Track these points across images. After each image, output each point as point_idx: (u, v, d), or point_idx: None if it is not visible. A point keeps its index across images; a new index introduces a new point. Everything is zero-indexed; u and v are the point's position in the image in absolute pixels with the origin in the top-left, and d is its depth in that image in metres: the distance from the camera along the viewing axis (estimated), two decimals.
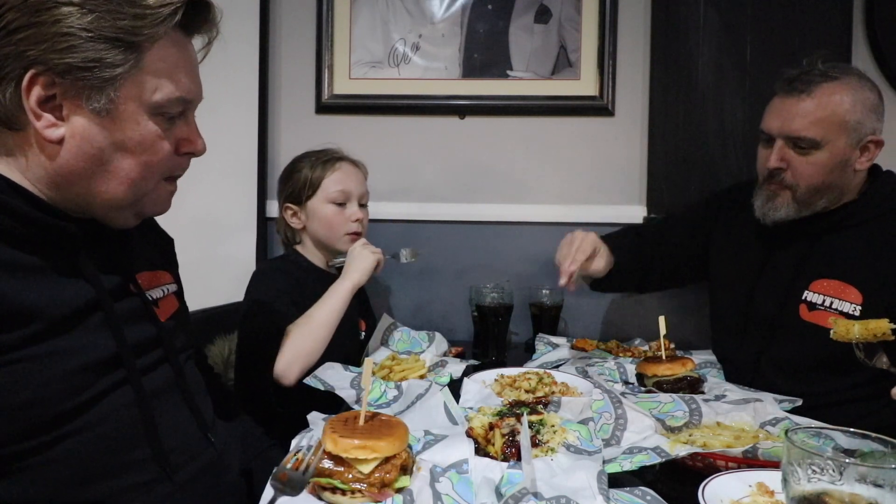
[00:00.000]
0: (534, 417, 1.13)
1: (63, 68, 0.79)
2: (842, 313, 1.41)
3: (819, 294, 1.46)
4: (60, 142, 0.83)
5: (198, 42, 0.95)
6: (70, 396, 0.83)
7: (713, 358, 1.66)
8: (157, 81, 0.86)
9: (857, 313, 1.40)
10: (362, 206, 1.75)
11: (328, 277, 1.68)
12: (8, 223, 0.81)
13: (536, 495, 0.87)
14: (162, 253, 1.16)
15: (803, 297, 1.48)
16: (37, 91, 0.80)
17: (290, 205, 1.73)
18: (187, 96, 0.90)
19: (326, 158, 1.72)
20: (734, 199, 1.72)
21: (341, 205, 1.70)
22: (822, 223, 1.50)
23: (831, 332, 1.19)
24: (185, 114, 0.93)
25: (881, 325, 1.13)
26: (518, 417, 1.09)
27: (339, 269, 1.63)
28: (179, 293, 1.15)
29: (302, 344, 1.45)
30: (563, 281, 1.49)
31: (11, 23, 0.79)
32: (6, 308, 0.78)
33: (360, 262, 1.57)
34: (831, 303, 1.44)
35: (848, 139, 1.41)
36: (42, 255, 0.84)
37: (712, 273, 1.75)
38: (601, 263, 1.58)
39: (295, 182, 1.71)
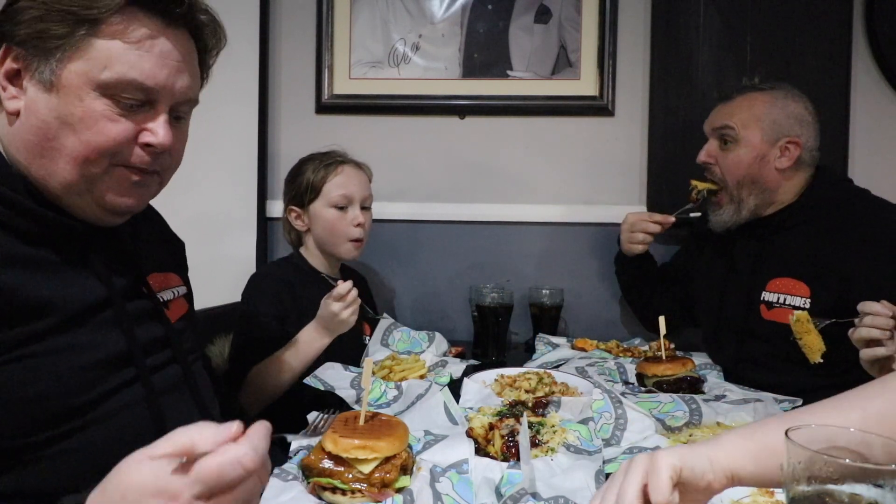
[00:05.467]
0: (534, 418, 1.13)
1: (21, 38, 0.82)
2: (794, 307, 1.52)
3: (774, 293, 1.58)
4: (18, 114, 0.85)
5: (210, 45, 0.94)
6: (81, 392, 0.83)
7: None
8: (107, 60, 0.83)
9: (806, 306, 1.52)
10: (365, 208, 1.74)
11: (327, 282, 1.68)
12: (17, 220, 0.82)
13: (535, 496, 0.87)
14: (172, 256, 1.17)
15: (762, 298, 1.59)
16: (7, 64, 0.84)
17: (293, 207, 1.73)
18: (146, 82, 0.85)
19: (329, 162, 1.71)
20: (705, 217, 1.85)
21: (343, 209, 1.70)
22: (770, 225, 1.63)
23: (793, 319, 1.40)
24: (154, 105, 0.88)
25: (814, 347, 1.37)
26: (518, 418, 1.09)
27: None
28: (189, 296, 1.15)
29: (264, 392, 1.47)
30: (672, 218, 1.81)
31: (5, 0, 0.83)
32: (21, 301, 0.79)
33: (339, 326, 1.47)
34: (785, 299, 1.56)
35: (763, 134, 1.60)
36: (55, 250, 0.85)
37: (693, 286, 1.86)
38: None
39: (298, 185, 1.71)
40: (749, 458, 0.73)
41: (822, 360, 1.36)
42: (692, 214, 1.78)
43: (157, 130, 0.88)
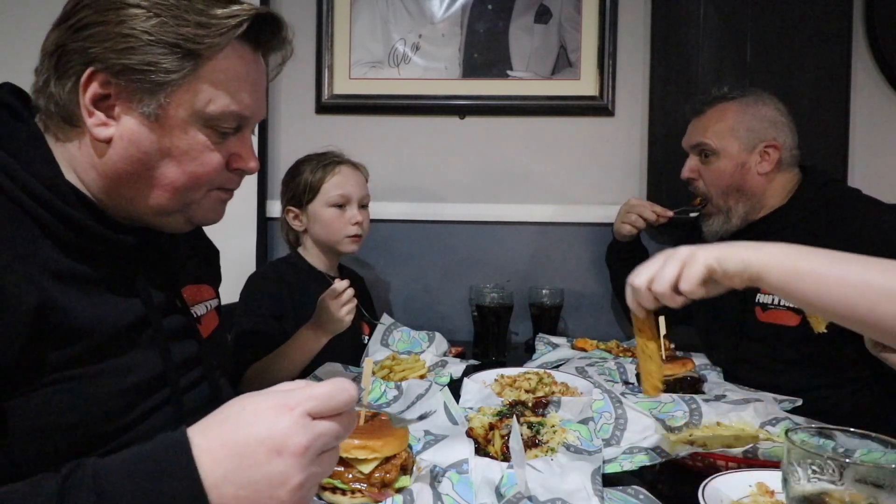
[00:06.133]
0: (534, 418, 1.13)
1: (119, 68, 0.79)
2: (789, 308, 1.53)
3: (769, 294, 1.58)
4: (109, 141, 0.82)
5: (273, 60, 0.94)
6: (115, 417, 0.81)
7: None
8: (212, 93, 0.84)
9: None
10: (363, 207, 1.76)
11: (327, 280, 1.69)
12: (67, 234, 0.80)
13: (531, 499, 0.86)
14: (207, 265, 1.16)
15: (757, 300, 1.59)
16: (93, 88, 0.80)
17: (291, 207, 1.74)
18: (243, 112, 0.87)
19: (327, 162, 1.72)
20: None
21: (341, 207, 1.71)
22: (762, 228, 1.64)
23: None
24: (241, 130, 0.90)
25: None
26: (519, 418, 1.09)
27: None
28: (220, 308, 1.14)
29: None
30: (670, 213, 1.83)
31: (83, 20, 0.79)
32: (70, 320, 0.77)
33: (335, 325, 1.45)
34: (779, 300, 1.56)
35: (740, 144, 1.62)
36: (97, 266, 0.83)
37: None
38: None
39: (296, 185, 1.72)
40: (780, 273, 0.83)
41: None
42: (691, 214, 1.79)
43: (248, 157, 0.91)
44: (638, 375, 1.49)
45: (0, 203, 0.76)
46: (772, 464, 0.95)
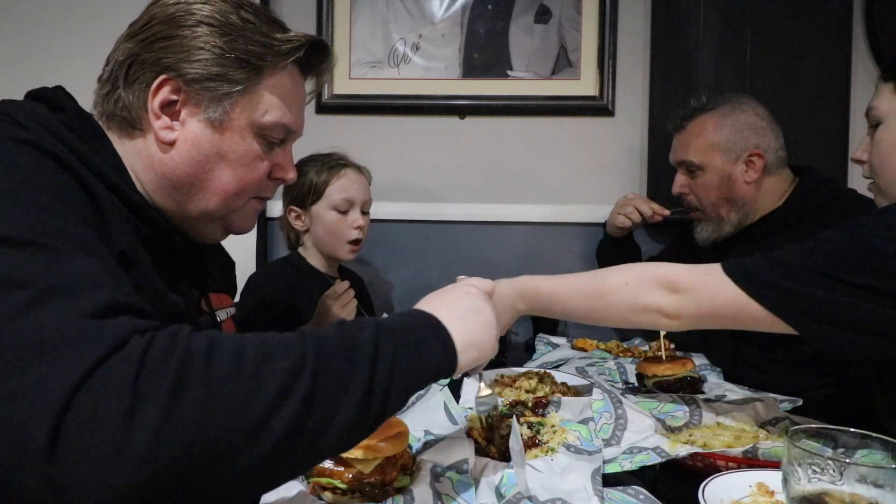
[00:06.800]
0: (534, 418, 1.13)
1: (192, 77, 0.87)
2: None
3: None
4: (172, 144, 0.89)
5: (309, 84, 1.02)
6: None
7: None
8: (268, 105, 0.92)
9: None
10: (364, 213, 1.76)
11: (327, 281, 1.69)
12: (131, 218, 0.85)
13: (531, 499, 0.86)
14: (225, 276, 1.20)
15: None
16: (163, 94, 0.87)
17: (293, 207, 1.74)
18: (291, 126, 0.96)
19: (332, 164, 1.72)
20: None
21: (344, 212, 1.70)
22: (758, 230, 1.65)
23: None
24: (285, 142, 0.98)
25: None
26: (518, 418, 1.09)
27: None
28: (235, 317, 1.18)
29: None
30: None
31: (157, 34, 0.88)
32: (135, 276, 0.80)
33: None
34: None
35: (723, 157, 1.63)
36: (151, 256, 0.88)
37: None
38: None
39: (300, 186, 1.71)
40: (536, 309, 1.27)
41: None
42: (691, 215, 1.79)
43: (289, 167, 1.00)
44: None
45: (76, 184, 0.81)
46: (772, 464, 0.95)
